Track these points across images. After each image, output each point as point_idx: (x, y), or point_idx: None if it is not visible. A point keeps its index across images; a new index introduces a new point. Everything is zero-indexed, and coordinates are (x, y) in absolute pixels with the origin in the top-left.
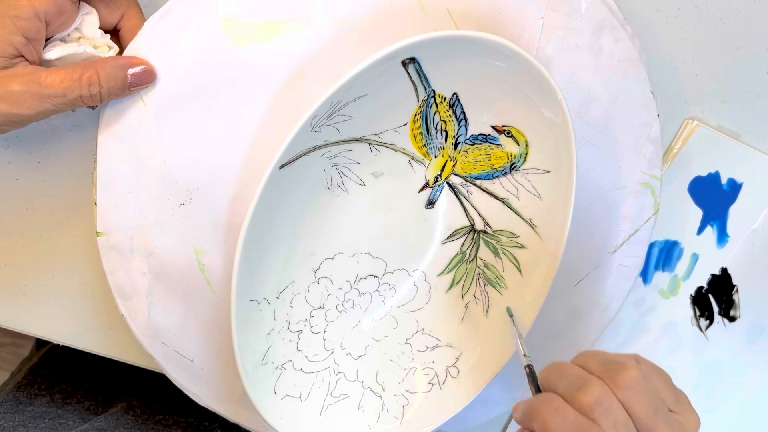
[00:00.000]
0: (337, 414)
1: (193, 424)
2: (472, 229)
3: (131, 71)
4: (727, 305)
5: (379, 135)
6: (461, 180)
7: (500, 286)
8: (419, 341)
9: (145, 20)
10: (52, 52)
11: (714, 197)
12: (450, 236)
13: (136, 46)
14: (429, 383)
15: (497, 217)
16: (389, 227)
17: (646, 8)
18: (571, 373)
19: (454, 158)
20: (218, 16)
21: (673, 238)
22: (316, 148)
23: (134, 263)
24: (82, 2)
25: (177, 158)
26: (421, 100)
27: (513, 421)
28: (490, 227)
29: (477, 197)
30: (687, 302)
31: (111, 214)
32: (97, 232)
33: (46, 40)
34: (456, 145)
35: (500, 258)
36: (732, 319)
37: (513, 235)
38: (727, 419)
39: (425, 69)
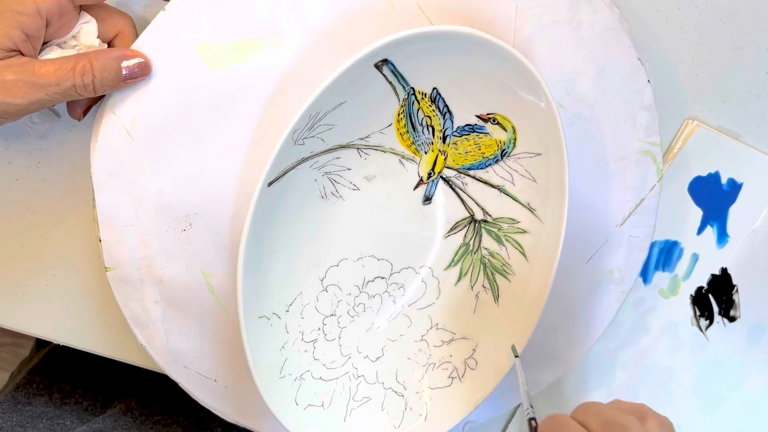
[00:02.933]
0: (362, 417)
1: (192, 423)
2: (473, 219)
3: (125, 63)
4: (727, 305)
5: (366, 139)
6: (455, 172)
7: (508, 273)
8: (434, 337)
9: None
10: (49, 57)
11: (714, 197)
12: (451, 229)
13: None
14: (449, 377)
15: (495, 204)
16: (389, 228)
17: (646, 8)
18: None
19: (445, 152)
20: (191, 43)
21: (673, 238)
22: (303, 160)
23: (146, 293)
24: (82, 11)
25: (172, 186)
26: (401, 99)
27: (513, 421)
28: (489, 216)
29: (473, 187)
30: (687, 302)
31: (116, 249)
32: (105, 267)
33: (44, 43)
34: (444, 138)
35: (504, 245)
36: (732, 319)
37: (513, 221)
38: (727, 419)
39: (400, 68)
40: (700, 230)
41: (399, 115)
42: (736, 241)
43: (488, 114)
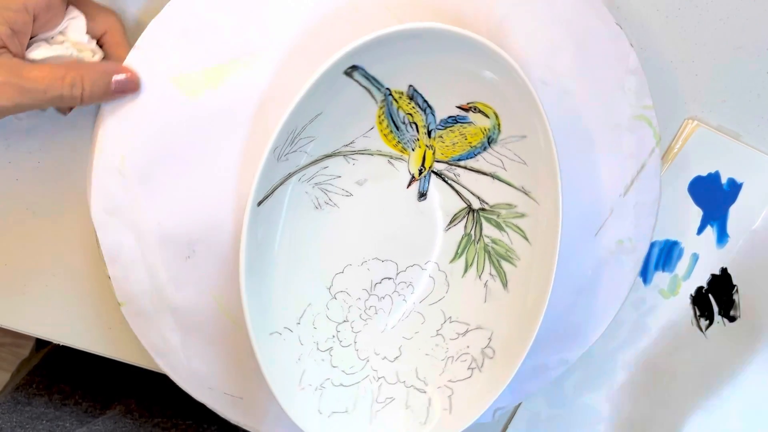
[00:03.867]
0: (387, 418)
1: (191, 426)
2: (470, 209)
3: (116, 78)
4: (727, 305)
5: (350, 145)
6: (445, 165)
7: (512, 258)
8: (449, 330)
9: (127, 39)
10: (37, 53)
11: (714, 197)
12: (451, 222)
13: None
14: (468, 368)
15: (490, 192)
16: (389, 228)
17: (646, 8)
18: None
19: (432, 146)
20: (166, 76)
21: (673, 238)
22: (291, 175)
23: (162, 323)
24: (70, 6)
25: (170, 217)
26: (379, 101)
27: (513, 420)
28: (486, 204)
29: (465, 178)
30: (687, 302)
31: (126, 284)
32: (118, 303)
33: (31, 38)
34: (429, 133)
35: (505, 231)
36: (732, 319)
37: (510, 206)
38: (727, 419)
39: (372, 71)
40: (700, 230)
41: (380, 116)
42: (736, 241)
43: (468, 103)
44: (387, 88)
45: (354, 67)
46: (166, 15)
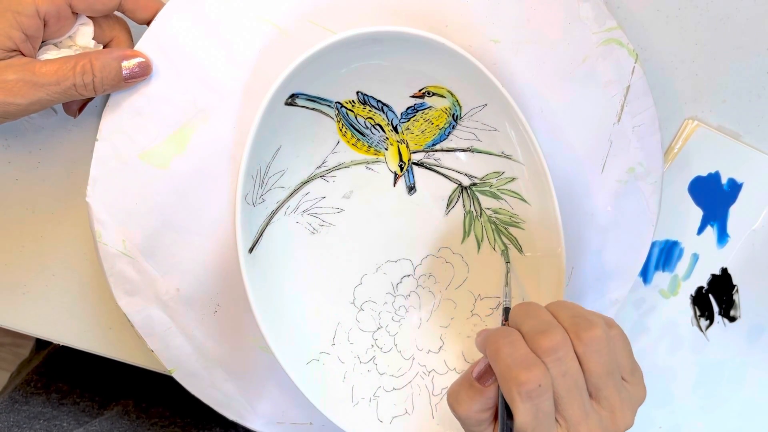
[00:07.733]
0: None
1: (190, 424)
2: (462, 187)
3: (126, 63)
4: (727, 305)
5: (323, 165)
6: (423, 154)
7: (518, 222)
8: (482, 307)
9: (133, 45)
10: (46, 56)
11: (714, 197)
12: (448, 205)
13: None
14: None
15: (474, 165)
16: (391, 229)
17: (646, 8)
18: (538, 317)
19: (403, 140)
20: (134, 155)
21: (673, 238)
22: (274, 213)
23: (215, 378)
24: (79, 14)
25: (185, 281)
26: (333, 116)
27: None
28: (476, 178)
29: (446, 159)
30: (687, 302)
31: (168, 353)
32: (169, 370)
33: (41, 43)
34: (395, 129)
35: (502, 198)
36: (732, 319)
37: (498, 173)
38: (727, 419)
39: (312, 92)
40: (701, 230)
41: (341, 129)
42: (737, 241)
43: (421, 90)
44: (336, 102)
45: (293, 96)
46: (115, 101)
